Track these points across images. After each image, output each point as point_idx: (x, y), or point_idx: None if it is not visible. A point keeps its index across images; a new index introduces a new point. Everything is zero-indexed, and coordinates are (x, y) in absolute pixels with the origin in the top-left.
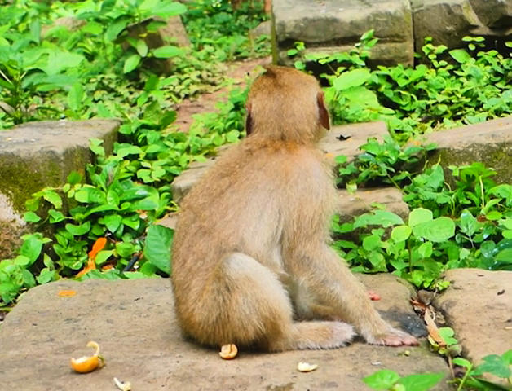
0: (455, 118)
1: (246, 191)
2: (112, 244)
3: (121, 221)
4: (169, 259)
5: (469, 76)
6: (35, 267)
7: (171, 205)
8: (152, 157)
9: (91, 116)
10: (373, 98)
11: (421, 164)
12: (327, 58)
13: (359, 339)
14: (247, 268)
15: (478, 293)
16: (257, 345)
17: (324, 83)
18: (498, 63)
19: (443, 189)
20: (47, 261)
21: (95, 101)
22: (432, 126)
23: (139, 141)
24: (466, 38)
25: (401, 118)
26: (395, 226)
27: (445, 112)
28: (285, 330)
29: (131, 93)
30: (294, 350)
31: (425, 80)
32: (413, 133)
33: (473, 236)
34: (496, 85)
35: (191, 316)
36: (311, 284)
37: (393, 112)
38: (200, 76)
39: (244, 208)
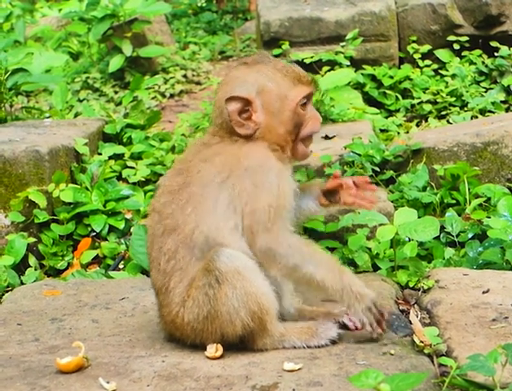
0: (440, 117)
1: (197, 183)
2: (97, 244)
3: (106, 220)
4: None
5: (453, 76)
6: (20, 267)
7: None
8: (137, 157)
9: (76, 115)
10: (358, 98)
11: (406, 164)
12: (312, 57)
13: (344, 338)
14: (236, 261)
15: (463, 292)
16: (243, 343)
17: None
18: (483, 62)
19: (427, 188)
20: (32, 260)
21: (80, 100)
22: (417, 125)
23: (124, 140)
24: (451, 38)
25: (386, 117)
26: (380, 225)
27: (430, 112)
28: (271, 326)
29: (116, 92)
30: (280, 349)
31: (410, 79)
32: (398, 133)
33: (458, 235)
34: (481, 84)
35: (176, 318)
36: (283, 274)
37: (378, 111)
38: (185, 76)
39: (199, 201)
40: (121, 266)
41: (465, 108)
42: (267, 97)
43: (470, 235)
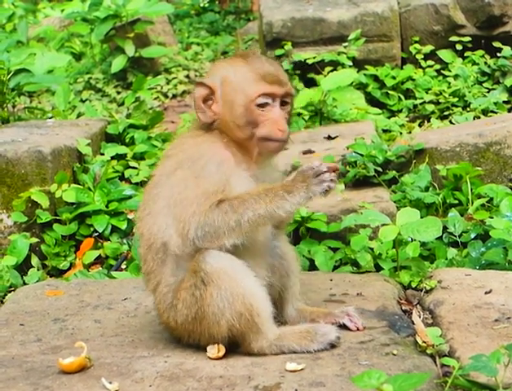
0: (442, 118)
1: (154, 181)
2: (99, 244)
3: (109, 220)
4: None
5: (456, 76)
6: (22, 267)
7: None
8: (140, 157)
9: (79, 115)
10: (361, 98)
11: (409, 164)
12: (314, 58)
13: (346, 339)
14: (223, 262)
15: (466, 293)
16: (239, 345)
17: (312, 83)
18: (485, 62)
19: (430, 188)
20: (35, 260)
21: (83, 101)
22: (419, 126)
23: (127, 141)
24: (453, 38)
25: (388, 118)
26: (383, 225)
27: (432, 112)
28: (265, 329)
29: (119, 93)
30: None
31: (413, 79)
32: (401, 133)
33: (460, 236)
34: (483, 84)
35: (168, 320)
36: (228, 243)
37: (380, 111)
38: (187, 76)
39: (154, 200)
40: (123, 266)
41: (468, 109)
42: (227, 88)
43: (472, 236)
